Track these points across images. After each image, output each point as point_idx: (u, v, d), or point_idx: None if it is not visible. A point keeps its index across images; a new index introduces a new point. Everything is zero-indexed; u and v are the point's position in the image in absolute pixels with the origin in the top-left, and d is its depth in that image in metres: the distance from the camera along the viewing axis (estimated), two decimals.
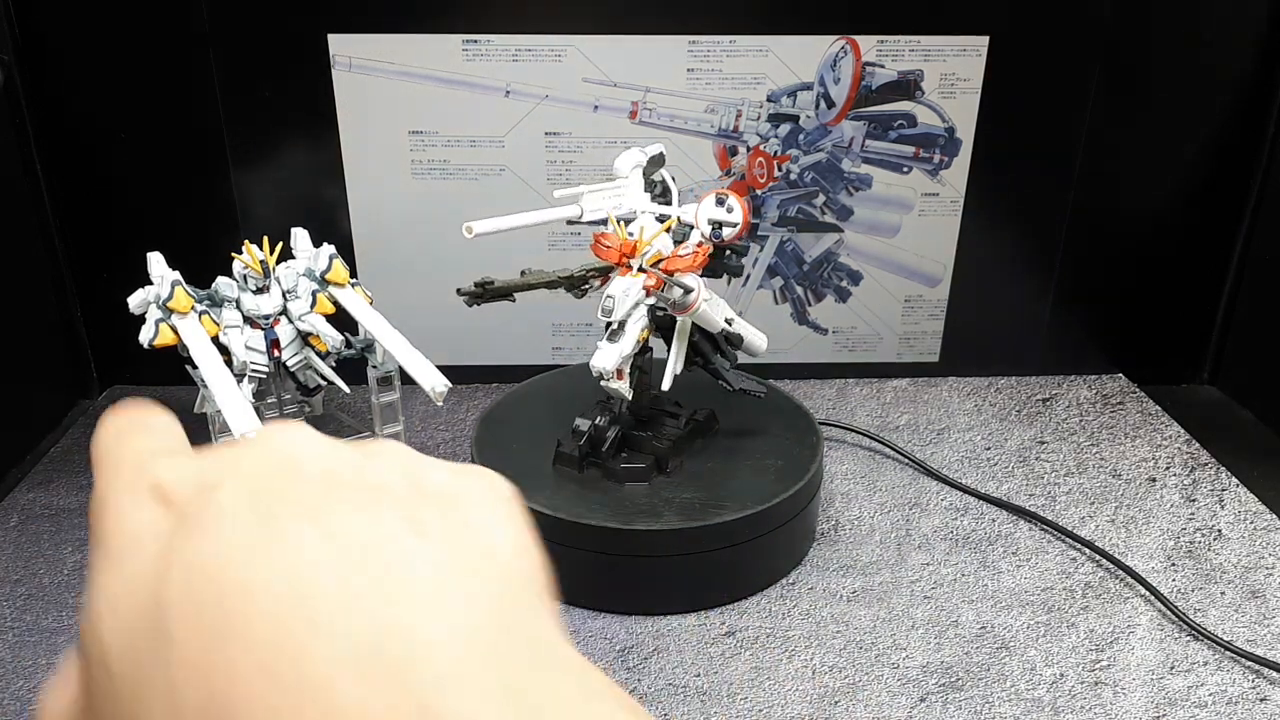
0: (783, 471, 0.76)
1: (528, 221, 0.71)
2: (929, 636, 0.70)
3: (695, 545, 0.71)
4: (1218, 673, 0.67)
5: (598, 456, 0.76)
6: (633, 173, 0.74)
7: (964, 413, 0.98)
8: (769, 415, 0.82)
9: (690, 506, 0.72)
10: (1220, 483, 0.87)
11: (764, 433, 0.81)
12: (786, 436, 0.80)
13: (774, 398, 0.84)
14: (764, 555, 0.74)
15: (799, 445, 0.79)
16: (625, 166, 0.74)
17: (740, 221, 0.72)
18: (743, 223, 0.72)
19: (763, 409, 0.82)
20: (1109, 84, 0.93)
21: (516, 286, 0.71)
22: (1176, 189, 0.99)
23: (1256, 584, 0.75)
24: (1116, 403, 1.00)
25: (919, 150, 0.95)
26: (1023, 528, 0.81)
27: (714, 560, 0.72)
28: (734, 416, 0.82)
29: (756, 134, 0.94)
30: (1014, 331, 1.04)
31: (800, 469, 0.76)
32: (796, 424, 0.82)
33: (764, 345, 0.77)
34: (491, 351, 1.01)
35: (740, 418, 0.82)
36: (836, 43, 0.91)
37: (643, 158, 0.74)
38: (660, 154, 0.76)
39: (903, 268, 1.00)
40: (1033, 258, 1.01)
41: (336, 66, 0.89)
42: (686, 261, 0.70)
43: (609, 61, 0.91)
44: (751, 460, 0.78)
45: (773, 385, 0.87)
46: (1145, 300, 1.03)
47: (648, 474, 0.75)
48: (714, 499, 0.73)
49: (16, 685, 0.65)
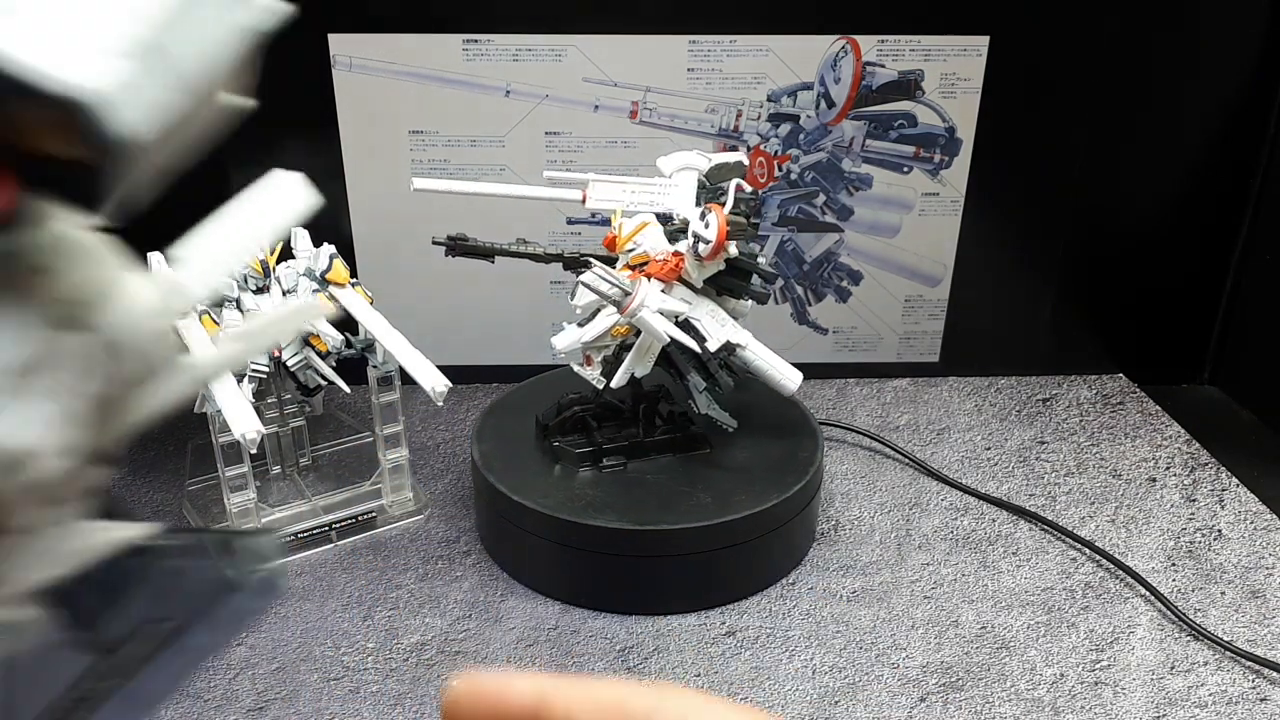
0: (783, 471, 0.76)
1: (479, 190, 0.72)
2: (929, 636, 0.70)
3: (696, 545, 0.71)
4: (1218, 673, 0.67)
5: (553, 431, 0.78)
6: (679, 174, 0.71)
7: (964, 413, 0.98)
8: (769, 415, 0.82)
9: (691, 507, 0.72)
10: (1220, 483, 0.87)
11: (764, 433, 0.81)
12: (787, 436, 0.80)
13: (774, 397, 0.84)
14: (764, 555, 0.74)
15: (799, 445, 0.79)
16: (669, 166, 0.72)
17: (712, 239, 0.67)
18: (715, 240, 0.67)
19: (763, 409, 0.82)
20: (1109, 83, 0.93)
21: (499, 251, 0.72)
22: (1176, 189, 0.99)
23: (1256, 584, 0.75)
24: (1116, 403, 1.00)
25: (919, 150, 0.95)
26: (1023, 528, 0.81)
27: (714, 560, 0.72)
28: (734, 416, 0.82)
29: (757, 134, 0.94)
30: (1014, 331, 1.04)
31: (800, 469, 0.76)
32: (796, 424, 0.82)
33: (792, 386, 0.73)
34: (491, 351, 1.01)
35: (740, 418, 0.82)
36: (837, 42, 0.91)
37: (702, 162, 0.71)
38: (738, 163, 0.72)
39: (903, 268, 1.00)
40: (1033, 258, 1.01)
41: (336, 66, 0.89)
42: (656, 267, 0.70)
43: (609, 61, 0.91)
44: (752, 460, 0.78)
45: None
46: (1145, 300, 1.03)
47: (577, 460, 0.76)
48: (714, 499, 0.73)
49: None
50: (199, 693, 0.65)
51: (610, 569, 0.72)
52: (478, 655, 0.68)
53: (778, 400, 0.85)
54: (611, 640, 0.70)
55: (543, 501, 0.72)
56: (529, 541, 0.74)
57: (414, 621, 0.71)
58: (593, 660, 0.68)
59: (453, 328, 0.98)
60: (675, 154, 0.73)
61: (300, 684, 0.66)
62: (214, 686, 0.66)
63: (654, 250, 0.71)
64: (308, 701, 0.65)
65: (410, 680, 0.66)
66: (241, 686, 0.66)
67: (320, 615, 0.72)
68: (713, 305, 0.73)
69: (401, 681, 0.66)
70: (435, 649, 0.69)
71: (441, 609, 0.73)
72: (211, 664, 0.67)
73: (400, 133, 0.92)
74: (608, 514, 0.71)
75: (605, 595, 0.73)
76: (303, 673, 0.67)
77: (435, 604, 0.73)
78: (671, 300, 0.70)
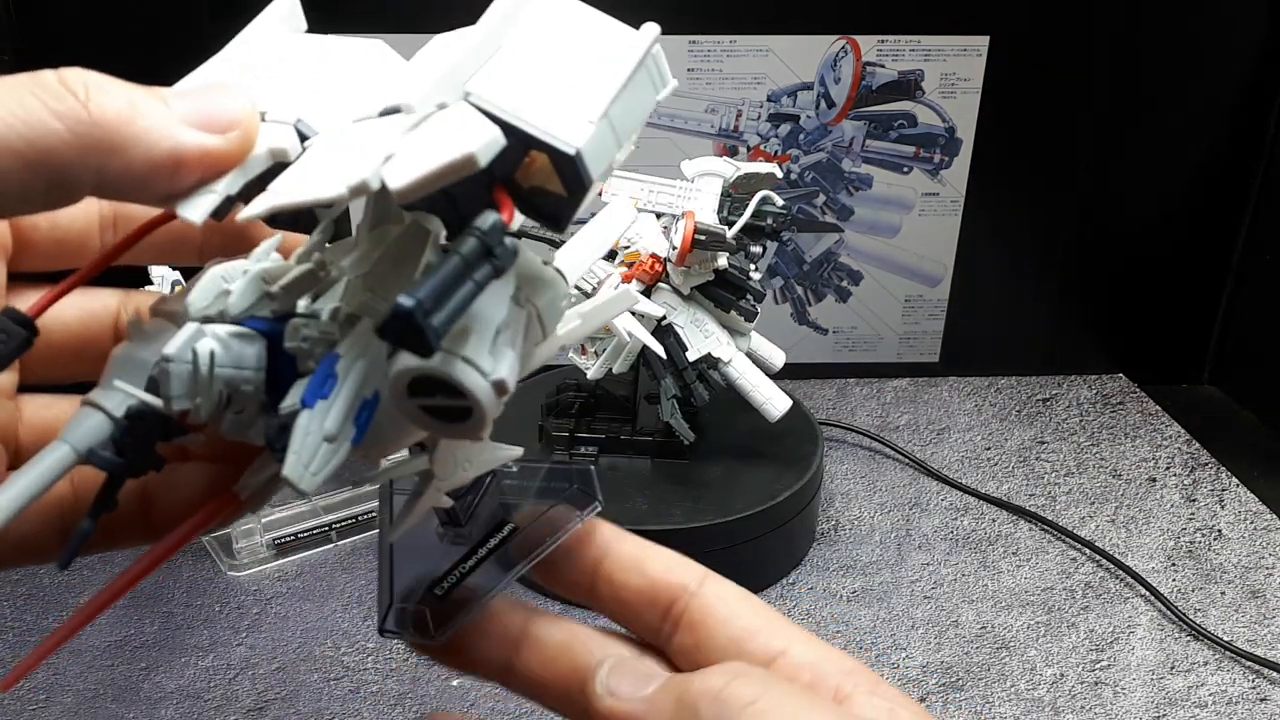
0: (783, 471, 0.76)
1: None
2: (929, 636, 0.70)
3: (695, 545, 0.71)
4: (1218, 673, 0.67)
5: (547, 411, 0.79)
6: (701, 179, 0.71)
7: (964, 413, 0.98)
8: None
9: (691, 506, 0.72)
10: (1220, 483, 0.87)
11: (764, 432, 0.81)
12: (786, 436, 0.80)
13: None
14: (764, 555, 0.74)
15: (799, 445, 0.79)
16: (690, 170, 0.71)
17: (678, 245, 0.67)
18: (680, 247, 0.67)
19: None
20: (1109, 83, 0.93)
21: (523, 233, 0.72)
22: (1177, 188, 0.99)
23: (1256, 584, 0.75)
24: (1116, 403, 1.00)
25: (919, 150, 0.95)
26: (1023, 528, 0.82)
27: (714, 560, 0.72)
28: (735, 416, 0.82)
29: (757, 134, 0.94)
30: (1014, 331, 1.04)
31: (800, 469, 0.76)
32: (796, 424, 0.82)
33: (776, 412, 0.73)
34: None
35: (741, 417, 0.82)
36: (837, 43, 0.91)
37: (728, 170, 0.70)
38: (770, 174, 0.71)
39: (903, 268, 1.00)
40: (1033, 257, 1.01)
41: None
42: (636, 269, 0.70)
43: None
44: (751, 460, 0.78)
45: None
46: (1145, 300, 1.03)
47: (552, 442, 0.78)
48: (714, 499, 0.73)
49: (17, 685, 0.65)
50: (199, 692, 0.65)
51: None
52: None
53: None
54: None
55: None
56: None
57: None
58: None
59: None
60: (700, 159, 0.72)
61: (300, 684, 0.66)
62: (214, 686, 0.66)
63: (646, 251, 0.71)
64: (308, 701, 0.65)
65: (410, 680, 0.66)
66: (241, 686, 0.66)
67: (320, 615, 0.72)
68: (701, 315, 0.72)
69: (401, 681, 0.66)
70: None
71: None
72: (211, 664, 0.67)
73: None
74: (607, 514, 0.71)
75: None
76: (303, 673, 0.67)
77: None
78: (647, 303, 0.70)
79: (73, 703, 0.64)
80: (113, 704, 0.64)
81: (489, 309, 0.22)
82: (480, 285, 0.21)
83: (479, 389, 0.22)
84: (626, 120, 0.23)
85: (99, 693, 0.65)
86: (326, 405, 0.22)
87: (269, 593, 0.74)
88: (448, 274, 0.20)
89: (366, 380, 0.23)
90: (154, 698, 0.65)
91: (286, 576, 0.75)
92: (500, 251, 0.21)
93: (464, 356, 0.21)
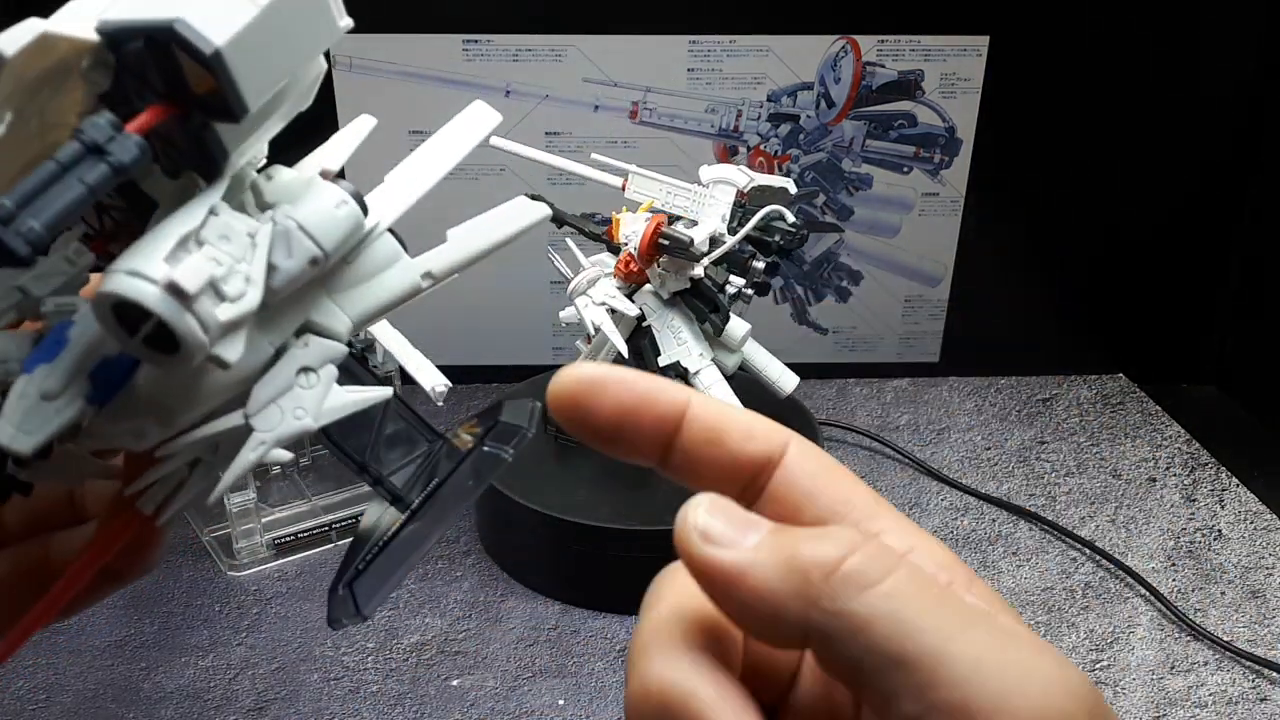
0: None
1: (550, 161, 0.73)
2: None
3: None
4: (1218, 673, 0.67)
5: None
6: (714, 186, 0.70)
7: (964, 413, 0.98)
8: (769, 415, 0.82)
9: None
10: (1220, 483, 0.87)
11: None
12: None
13: (774, 397, 0.84)
14: None
15: None
16: (706, 176, 0.71)
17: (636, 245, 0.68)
18: (639, 248, 0.67)
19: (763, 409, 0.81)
20: (1109, 83, 0.93)
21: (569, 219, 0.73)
22: (1177, 189, 0.99)
23: (1256, 584, 0.75)
24: (1116, 403, 1.00)
25: (919, 150, 0.95)
26: (1023, 528, 0.82)
27: None
28: None
29: (757, 134, 0.94)
30: (1014, 331, 1.04)
31: None
32: (796, 424, 0.82)
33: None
34: (491, 351, 1.01)
35: None
36: (837, 42, 0.91)
37: (740, 178, 0.69)
38: (782, 189, 0.70)
39: (903, 268, 1.00)
40: (1033, 257, 1.01)
41: (337, 66, 0.89)
42: (615, 267, 0.71)
43: (609, 61, 0.91)
44: None
45: None
46: (1145, 300, 1.03)
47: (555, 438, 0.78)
48: None
49: (17, 685, 0.65)
50: (199, 693, 0.65)
51: (611, 569, 0.72)
52: (478, 655, 0.68)
53: (778, 400, 0.85)
54: (611, 640, 0.70)
55: (543, 501, 0.72)
56: (529, 541, 0.74)
57: (414, 621, 0.71)
58: (593, 660, 0.68)
59: (453, 328, 0.98)
60: (718, 166, 0.71)
61: (300, 684, 0.66)
62: (214, 686, 0.66)
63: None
64: (308, 701, 0.65)
65: (410, 680, 0.66)
66: (241, 686, 0.66)
67: (320, 615, 0.72)
68: (679, 322, 0.71)
69: (401, 681, 0.66)
70: (435, 649, 0.69)
71: (441, 609, 0.73)
72: (211, 664, 0.67)
73: (400, 133, 0.92)
74: (608, 514, 0.71)
75: (605, 595, 0.73)
76: (303, 673, 0.67)
77: (435, 604, 0.73)
78: (621, 300, 0.70)
79: (72, 703, 0.64)
80: (113, 704, 0.64)
81: (175, 221, 0.22)
82: (91, 187, 0.20)
83: (146, 295, 0.21)
84: (288, 35, 0.23)
85: (99, 693, 0.65)
86: (49, 368, 0.23)
87: (269, 593, 0.74)
88: (38, 178, 0.20)
89: (108, 340, 0.23)
90: (154, 698, 0.65)
91: (286, 576, 0.75)
92: (114, 148, 0.21)
93: (128, 269, 0.21)
